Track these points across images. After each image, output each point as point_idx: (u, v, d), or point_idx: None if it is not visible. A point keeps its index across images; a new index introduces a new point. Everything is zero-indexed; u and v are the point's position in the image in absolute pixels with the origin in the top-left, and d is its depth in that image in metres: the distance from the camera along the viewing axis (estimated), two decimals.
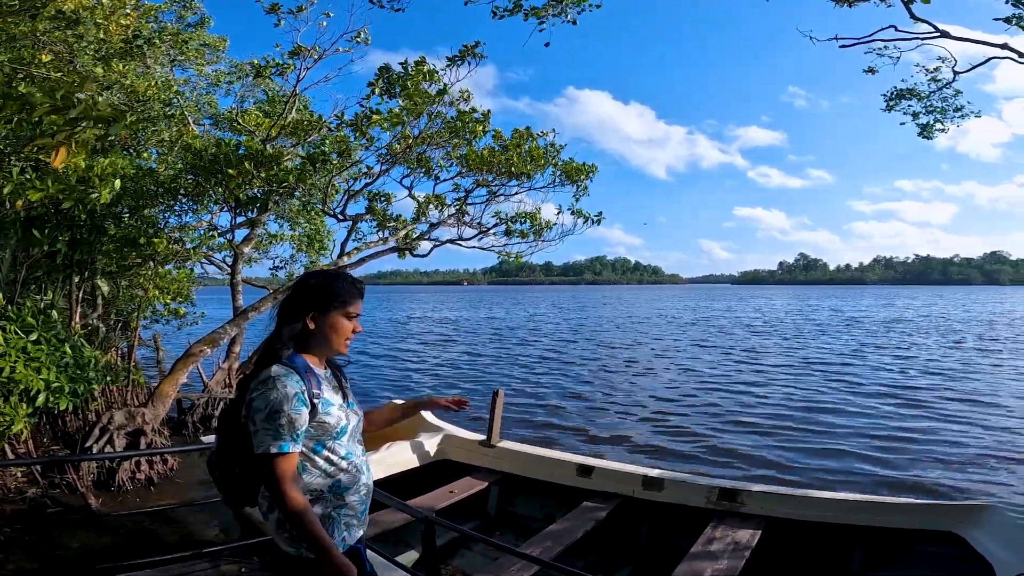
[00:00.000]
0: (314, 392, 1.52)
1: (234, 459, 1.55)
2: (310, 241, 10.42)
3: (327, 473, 1.57)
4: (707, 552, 3.27)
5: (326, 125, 7.82)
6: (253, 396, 1.48)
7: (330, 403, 1.58)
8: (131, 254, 6.55)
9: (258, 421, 1.45)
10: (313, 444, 1.54)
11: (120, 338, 8.46)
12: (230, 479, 1.58)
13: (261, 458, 1.44)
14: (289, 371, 1.50)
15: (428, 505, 3.97)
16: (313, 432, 1.53)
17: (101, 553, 4.19)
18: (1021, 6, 4.43)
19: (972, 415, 9.28)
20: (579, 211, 8.12)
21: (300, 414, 1.47)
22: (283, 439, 1.43)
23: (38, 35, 5.31)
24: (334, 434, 1.57)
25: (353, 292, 1.65)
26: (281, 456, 1.43)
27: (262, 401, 1.45)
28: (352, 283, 1.66)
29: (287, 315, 1.61)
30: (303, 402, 1.48)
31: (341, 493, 1.59)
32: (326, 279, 1.65)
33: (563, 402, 10.64)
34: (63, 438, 6.33)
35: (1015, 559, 2.74)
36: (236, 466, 1.55)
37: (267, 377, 1.48)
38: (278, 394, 1.45)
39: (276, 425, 1.43)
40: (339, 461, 1.59)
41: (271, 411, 1.44)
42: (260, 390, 1.47)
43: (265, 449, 1.43)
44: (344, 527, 1.59)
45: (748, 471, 6.68)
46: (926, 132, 6.93)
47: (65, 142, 3.25)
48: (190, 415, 7.65)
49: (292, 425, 1.45)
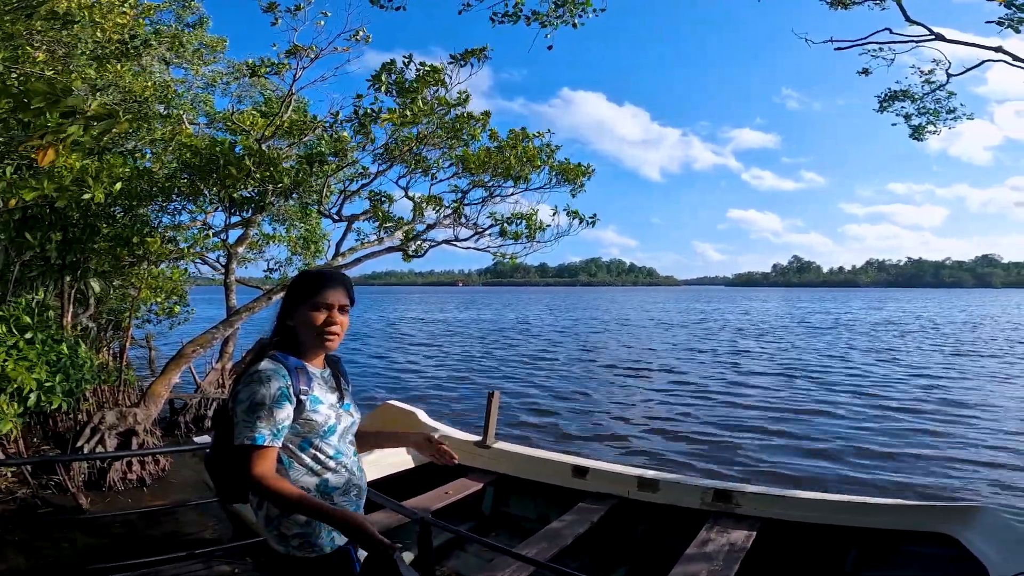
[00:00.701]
0: (301, 388, 1.50)
1: (227, 452, 1.52)
2: (306, 243, 10.38)
3: (314, 471, 1.54)
4: (702, 553, 3.27)
5: (321, 124, 7.79)
6: (239, 388, 1.49)
7: (319, 400, 1.56)
8: (124, 253, 6.51)
9: (239, 412, 1.44)
10: (299, 441, 1.52)
11: (112, 338, 8.40)
12: (223, 474, 1.57)
13: (238, 449, 1.42)
14: (277, 366, 1.50)
15: (423, 506, 3.96)
16: (299, 429, 1.52)
17: (92, 553, 4.16)
18: (1013, 9, 4.46)
19: (964, 417, 9.34)
20: (575, 212, 8.12)
21: (282, 408, 1.45)
22: (259, 431, 1.42)
23: (34, 34, 5.27)
24: (321, 432, 1.55)
25: (319, 281, 1.58)
26: (256, 448, 1.41)
27: (245, 393, 1.45)
28: (320, 274, 1.62)
29: (277, 316, 1.64)
30: (287, 397, 1.47)
31: (329, 493, 1.56)
32: (299, 276, 1.65)
33: (558, 403, 10.64)
34: (54, 438, 6.27)
35: (1008, 560, 2.75)
36: (228, 458, 1.52)
37: (254, 371, 1.49)
38: (261, 387, 1.44)
39: (255, 417, 1.42)
40: (327, 460, 1.56)
41: (252, 403, 1.43)
42: (246, 383, 1.48)
43: (241, 440, 1.41)
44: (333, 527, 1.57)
45: (742, 472, 6.70)
46: (917, 134, 6.98)
47: (54, 143, 3.22)
48: (182, 415, 7.61)
49: (272, 418, 1.43)
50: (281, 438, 1.46)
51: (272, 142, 7.87)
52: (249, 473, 1.41)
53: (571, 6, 4.55)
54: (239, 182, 6.72)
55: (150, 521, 4.73)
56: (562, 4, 4.57)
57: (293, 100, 7.80)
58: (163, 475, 5.81)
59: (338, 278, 1.62)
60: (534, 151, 7.74)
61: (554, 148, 8.03)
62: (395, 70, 6.98)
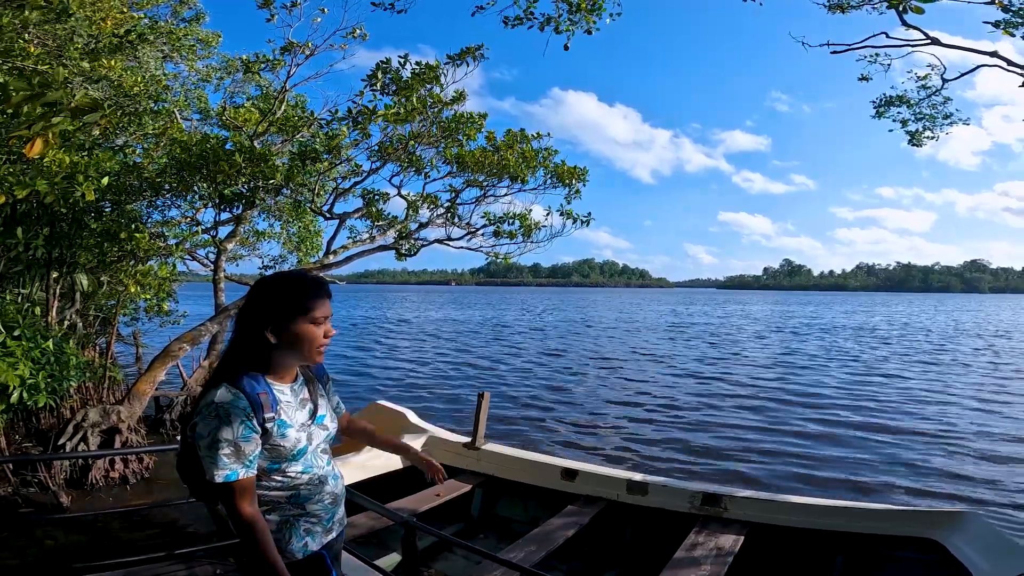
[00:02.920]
0: (266, 416, 1.41)
1: (191, 461, 1.46)
2: (301, 241, 10.31)
3: (285, 486, 1.49)
4: (691, 557, 3.26)
5: (317, 121, 7.73)
6: (196, 420, 1.38)
7: (287, 425, 1.47)
8: (112, 249, 6.43)
9: (202, 447, 1.36)
10: (266, 464, 1.45)
11: (99, 334, 8.29)
12: (192, 476, 1.50)
13: (213, 486, 1.35)
14: (237, 395, 1.38)
15: (411, 508, 3.93)
16: (267, 455, 1.44)
17: (73, 552, 4.10)
18: (1011, 12, 4.47)
19: (952, 422, 9.41)
20: (569, 212, 8.10)
21: (249, 441, 1.37)
22: (230, 467, 1.33)
23: (28, 27, 5.18)
24: (289, 457, 1.48)
25: (319, 294, 1.49)
26: (229, 483, 1.34)
27: (204, 427, 1.35)
28: (316, 284, 1.50)
29: (242, 329, 1.48)
30: (251, 429, 1.37)
31: (301, 503, 1.52)
32: (284, 285, 1.49)
33: (548, 405, 10.63)
34: (36, 435, 6.17)
35: (993, 565, 2.77)
36: (193, 466, 1.47)
37: (210, 402, 1.37)
38: (219, 423, 1.34)
39: (219, 455, 1.33)
40: (297, 476, 1.50)
41: (212, 440, 1.33)
42: (203, 414, 1.37)
43: (211, 477, 1.34)
44: (304, 533, 1.52)
45: (731, 476, 6.71)
46: (916, 139, 6.94)
47: (42, 133, 3.17)
48: (168, 413, 7.53)
49: (239, 453, 1.35)
50: (255, 466, 1.40)
51: (266, 138, 7.81)
52: (233, 511, 1.35)
53: (586, 12, 4.45)
54: (230, 178, 6.65)
55: (133, 520, 4.67)
56: (576, 11, 4.47)
57: (290, 96, 7.75)
58: (147, 473, 5.75)
59: (326, 285, 1.55)
60: (532, 153, 7.72)
61: (552, 151, 8.02)
62: (390, 69, 6.94)
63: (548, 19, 4.49)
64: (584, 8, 4.36)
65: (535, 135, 7.92)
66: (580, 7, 4.37)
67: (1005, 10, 4.47)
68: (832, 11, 5.70)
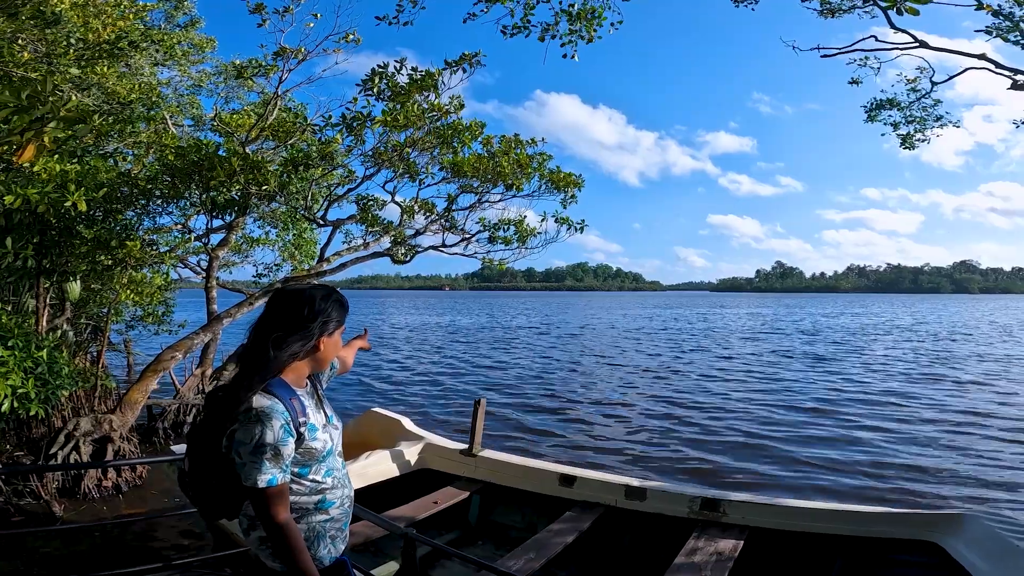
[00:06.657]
0: (300, 420, 1.48)
1: (210, 475, 1.50)
2: (296, 248, 10.25)
3: (314, 491, 1.55)
4: (690, 563, 3.25)
5: (311, 126, 7.70)
6: (235, 428, 1.42)
7: (315, 427, 1.54)
8: (103, 257, 6.37)
9: (244, 454, 1.40)
10: (299, 468, 1.51)
11: (90, 342, 8.21)
12: (206, 493, 1.53)
13: (250, 490, 1.40)
14: (274, 401, 1.43)
15: (409, 516, 3.91)
16: (300, 458, 1.50)
17: (66, 563, 4.04)
18: (1001, 17, 4.51)
19: (949, 424, 9.45)
20: (564, 219, 8.10)
21: (287, 445, 1.43)
22: (271, 472, 1.40)
23: (22, 32, 5.13)
24: (320, 457, 1.55)
25: (346, 307, 1.68)
26: (270, 490, 1.40)
27: (246, 435, 1.39)
28: (343, 298, 1.67)
29: (267, 339, 1.49)
30: (289, 432, 1.44)
31: (326, 508, 1.58)
32: (330, 299, 1.62)
33: (545, 411, 10.61)
34: (28, 443, 6.09)
35: (992, 567, 2.77)
36: (212, 480, 1.50)
37: (249, 408, 1.40)
38: (263, 427, 1.39)
39: (263, 459, 1.39)
40: (324, 480, 1.57)
41: (256, 445, 1.38)
42: (243, 422, 1.40)
43: (253, 483, 1.39)
44: (330, 540, 1.59)
45: (729, 480, 6.71)
46: (907, 142, 6.98)
47: (34, 140, 3.14)
48: (161, 421, 7.46)
49: (278, 457, 1.41)
50: (289, 472, 1.46)
51: (260, 144, 7.77)
52: (266, 511, 1.41)
53: (586, 22, 4.43)
54: (223, 184, 6.61)
55: (126, 530, 4.61)
56: (575, 20, 4.45)
57: (284, 102, 7.71)
58: (140, 482, 5.69)
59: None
60: (527, 159, 7.72)
61: (547, 156, 8.03)
62: (387, 75, 6.93)
63: (547, 28, 4.47)
64: (584, 17, 4.35)
65: (530, 141, 7.93)
66: (580, 16, 4.36)
67: (995, 15, 4.51)
68: (824, 15, 5.74)
